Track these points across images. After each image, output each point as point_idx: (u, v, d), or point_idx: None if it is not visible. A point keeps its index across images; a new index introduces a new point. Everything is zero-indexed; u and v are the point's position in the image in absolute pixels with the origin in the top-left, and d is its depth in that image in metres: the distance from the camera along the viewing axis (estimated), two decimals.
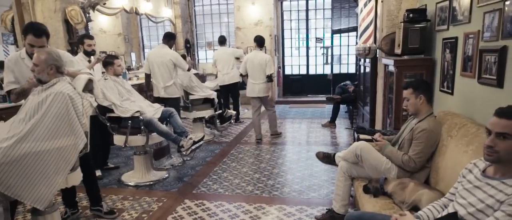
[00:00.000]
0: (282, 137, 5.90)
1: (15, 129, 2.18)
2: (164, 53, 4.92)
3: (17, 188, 2.12)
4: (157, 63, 4.90)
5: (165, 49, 4.98)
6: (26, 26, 2.83)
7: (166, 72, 4.91)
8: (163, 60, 4.88)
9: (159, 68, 4.89)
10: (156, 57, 4.93)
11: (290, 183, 3.83)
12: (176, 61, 4.94)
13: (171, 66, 4.90)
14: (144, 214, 3.18)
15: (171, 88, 4.96)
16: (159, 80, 4.92)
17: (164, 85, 4.91)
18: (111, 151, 4.58)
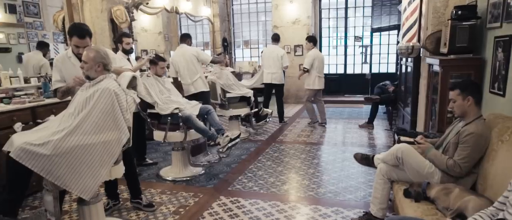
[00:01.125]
0: (318, 136, 5.83)
1: (65, 123, 2.31)
2: (185, 51, 5.00)
3: (66, 178, 2.24)
4: (181, 62, 4.98)
5: (184, 47, 5.04)
6: (70, 28, 2.99)
7: (191, 68, 4.97)
8: (185, 57, 4.96)
9: (184, 67, 4.97)
10: (178, 57, 5.01)
11: (326, 183, 3.77)
12: (198, 54, 5.00)
13: (194, 60, 4.96)
14: (181, 209, 3.26)
15: (198, 82, 5.02)
16: (187, 77, 5.00)
17: (192, 81, 4.99)
18: (150, 147, 4.73)
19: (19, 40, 7.94)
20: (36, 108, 3.63)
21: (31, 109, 3.59)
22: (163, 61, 4.03)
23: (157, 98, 3.76)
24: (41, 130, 2.41)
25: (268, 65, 6.50)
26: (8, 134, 3.23)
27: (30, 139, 2.21)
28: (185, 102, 4.01)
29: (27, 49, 8.12)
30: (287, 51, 8.94)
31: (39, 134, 2.29)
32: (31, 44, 8.22)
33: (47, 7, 8.70)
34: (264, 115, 5.98)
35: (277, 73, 6.52)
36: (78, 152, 2.23)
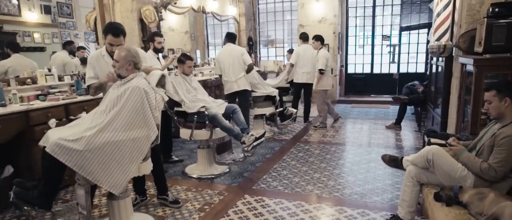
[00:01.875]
0: (344, 137, 5.76)
1: (97, 119, 2.39)
2: (232, 49, 5.12)
3: (97, 173, 2.32)
4: (227, 60, 5.09)
5: (232, 46, 5.18)
6: (106, 26, 3.10)
7: (237, 66, 5.07)
8: (232, 54, 5.07)
9: (230, 64, 5.07)
10: (225, 55, 5.14)
11: (352, 185, 3.72)
12: (243, 54, 5.10)
13: (240, 59, 5.07)
14: (206, 206, 3.30)
15: (242, 80, 5.10)
16: (231, 75, 5.09)
17: (236, 78, 5.08)
18: (175, 144, 4.82)
19: (53, 39, 8.28)
20: (69, 105, 3.77)
21: (65, 106, 3.73)
22: (190, 60, 4.09)
23: (184, 97, 3.82)
24: (74, 126, 2.50)
25: (303, 64, 6.43)
26: (44, 129, 3.39)
27: (64, 134, 2.30)
28: (211, 100, 4.05)
29: (60, 49, 8.45)
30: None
31: (73, 130, 2.38)
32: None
33: (79, 7, 9.01)
34: (288, 115, 5.95)
35: (311, 72, 6.46)
36: (109, 148, 2.30)
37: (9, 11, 7.41)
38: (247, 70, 5.15)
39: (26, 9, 7.75)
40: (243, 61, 5.07)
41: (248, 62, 5.09)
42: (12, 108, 3.34)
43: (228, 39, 5.23)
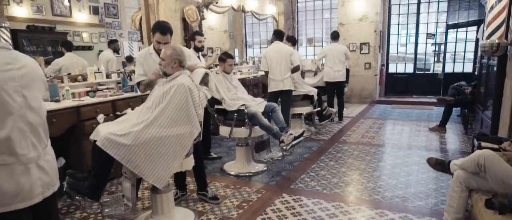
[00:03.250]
0: (384, 138, 5.60)
1: (143, 115, 2.49)
2: (281, 48, 5.15)
3: (143, 167, 2.42)
4: (275, 58, 5.12)
5: (281, 44, 5.21)
6: (154, 25, 3.21)
7: (284, 66, 5.09)
8: (281, 54, 5.10)
9: (278, 63, 5.10)
10: (273, 53, 5.16)
11: (393, 188, 3.61)
12: (292, 54, 5.11)
13: (288, 59, 5.09)
14: (244, 203, 3.33)
15: (288, 80, 5.13)
16: (278, 74, 5.12)
17: (282, 78, 5.10)
18: (214, 141, 4.90)
19: (100, 39, 8.71)
20: (116, 101, 3.95)
21: (112, 102, 3.91)
22: (231, 59, 4.14)
23: (224, 95, 3.88)
24: (122, 121, 2.62)
25: (333, 62, 6.46)
26: (93, 124, 3.59)
27: (113, 129, 2.42)
28: (250, 99, 4.09)
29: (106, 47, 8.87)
30: (353, 49, 8.69)
31: (121, 125, 2.49)
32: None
33: (124, 8, 9.41)
34: (328, 115, 5.87)
35: (342, 70, 6.53)
36: (154, 143, 2.39)
37: (61, 12, 7.88)
38: (293, 70, 5.15)
39: (77, 10, 8.21)
40: (291, 61, 5.08)
41: (296, 63, 5.10)
42: (65, 104, 3.55)
43: (276, 36, 5.26)
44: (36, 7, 7.25)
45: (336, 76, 6.53)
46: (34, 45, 6.21)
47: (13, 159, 1.47)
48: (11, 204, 1.48)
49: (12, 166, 1.47)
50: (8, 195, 1.46)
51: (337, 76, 6.53)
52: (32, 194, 1.54)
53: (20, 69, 1.51)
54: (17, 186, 1.48)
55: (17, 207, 1.50)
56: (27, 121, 1.52)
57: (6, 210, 1.47)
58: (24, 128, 1.51)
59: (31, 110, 1.54)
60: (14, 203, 1.49)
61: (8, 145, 1.46)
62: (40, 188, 1.57)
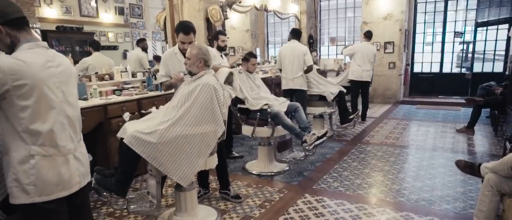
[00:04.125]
0: (408, 139, 5.48)
1: (169, 114, 2.53)
2: (295, 47, 5.14)
3: (168, 165, 2.46)
4: (288, 56, 5.13)
5: (296, 43, 5.19)
6: (177, 26, 3.27)
7: (296, 64, 5.08)
8: (294, 53, 5.09)
9: (290, 61, 5.11)
10: (287, 51, 5.18)
11: (419, 190, 3.52)
12: (306, 54, 5.08)
13: (301, 59, 5.06)
14: (267, 203, 3.33)
15: (299, 80, 5.10)
16: (289, 72, 5.14)
17: (293, 77, 5.10)
18: (235, 140, 4.93)
19: (125, 38, 8.92)
20: (141, 100, 4.04)
21: (137, 101, 4.00)
22: (255, 58, 4.15)
23: (247, 94, 3.89)
24: (148, 120, 2.68)
25: (362, 61, 6.38)
26: (119, 122, 3.67)
27: (140, 127, 2.47)
28: (273, 98, 4.08)
29: (130, 47, 9.07)
30: (377, 48, 8.54)
31: (147, 124, 2.54)
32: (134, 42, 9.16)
33: (148, 8, 9.60)
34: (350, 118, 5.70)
35: (369, 70, 6.44)
36: (179, 141, 2.43)
37: (89, 13, 8.12)
38: (306, 71, 5.12)
39: (103, 11, 8.44)
40: (304, 61, 5.04)
41: (309, 63, 5.05)
42: (93, 102, 3.65)
43: (293, 35, 5.25)
44: (65, 8, 7.50)
45: (363, 75, 6.42)
46: (62, 45, 6.42)
47: (55, 150, 1.59)
48: (53, 193, 1.60)
49: (53, 157, 1.59)
50: (51, 184, 1.58)
51: (364, 75, 6.42)
52: (71, 183, 1.66)
53: (58, 67, 1.63)
54: (59, 175, 1.60)
55: (58, 195, 1.62)
56: (66, 115, 1.65)
57: (49, 198, 1.59)
58: (63, 121, 1.63)
59: (69, 104, 1.67)
60: (56, 192, 1.61)
61: (50, 137, 1.57)
62: (77, 177, 1.70)
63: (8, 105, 1.48)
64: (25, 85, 1.47)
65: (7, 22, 1.54)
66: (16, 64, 1.47)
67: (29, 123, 1.51)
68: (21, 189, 1.54)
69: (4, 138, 1.54)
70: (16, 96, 1.47)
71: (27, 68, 1.49)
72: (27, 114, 1.50)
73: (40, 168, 1.55)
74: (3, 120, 1.51)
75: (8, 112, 1.49)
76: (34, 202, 1.56)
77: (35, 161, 1.54)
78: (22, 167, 1.53)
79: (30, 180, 1.54)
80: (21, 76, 1.47)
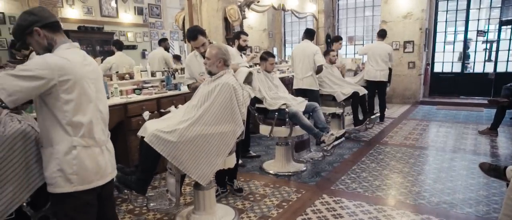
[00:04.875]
0: (429, 140, 5.38)
1: (188, 113, 2.56)
2: (307, 46, 5.13)
3: (187, 164, 2.48)
4: (299, 56, 5.14)
5: (308, 43, 5.19)
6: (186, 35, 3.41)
7: (306, 64, 5.07)
8: (305, 52, 5.09)
9: (300, 61, 5.11)
10: (299, 51, 5.21)
11: (440, 193, 3.45)
12: (316, 54, 5.05)
13: (311, 58, 5.04)
14: (284, 203, 3.33)
15: (308, 79, 5.09)
16: (298, 71, 5.15)
17: (302, 76, 5.10)
18: (252, 140, 4.93)
19: (143, 38, 9.05)
20: (161, 99, 4.09)
21: (157, 100, 4.05)
22: (273, 57, 4.15)
23: (265, 94, 3.89)
24: (168, 119, 2.71)
25: (375, 61, 6.32)
26: (139, 120, 3.73)
27: (160, 126, 2.50)
28: (291, 98, 4.07)
29: (149, 46, 9.20)
30: (396, 47, 8.40)
31: (167, 123, 2.57)
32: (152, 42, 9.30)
33: (166, 8, 9.71)
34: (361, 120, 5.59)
35: (384, 70, 6.36)
36: (199, 140, 2.45)
37: (109, 13, 8.27)
38: (316, 71, 5.10)
39: (123, 11, 8.58)
40: (314, 60, 5.02)
41: (319, 63, 5.02)
42: (114, 101, 3.72)
43: (306, 35, 5.26)
44: (86, 8, 7.66)
45: (377, 75, 6.35)
46: (83, 45, 6.56)
47: (93, 141, 1.72)
48: (93, 181, 1.73)
49: (92, 148, 1.72)
50: (91, 173, 1.71)
51: (379, 75, 6.35)
52: (106, 172, 1.80)
53: (90, 65, 1.75)
54: (97, 165, 1.73)
55: (97, 184, 1.75)
56: (98, 109, 1.77)
57: (89, 187, 1.72)
58: (97, 115, 1.76)
59: (100, 100, 1.78)
60: (95, 180, 1.74)
61: (89, 129, 1.70)
62: (110, 168, 1.84)
63: (53, 99, 1.59)
64: (69, 80, 1.60)
65: (45, 25, 1.66)
66: (61, 60, 1.60)
67: (72, 116, 1.63)
68: (64, 179, 1.64)
69: (48, 132, 1.65)
70: (61, 90, 1.58)
71: (70, 65, 1.61)
72: (70, 107, 1.62)
73: (81, 158, 1.67)
74: (48, 115, 1.62)
75: (53, 106, 1.60)
76: (76, 190, 1.67)
77: (77, 152, 1.66)
78: (66, 157, 1.64)
79: (73, 170, 1.65)
80: (66, 72, 1.59)
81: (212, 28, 5.37)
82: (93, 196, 1.76)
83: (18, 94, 1.49)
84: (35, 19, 1.66)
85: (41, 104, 1.62)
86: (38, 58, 1.61)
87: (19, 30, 1.66)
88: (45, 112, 1.63)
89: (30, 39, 1.68)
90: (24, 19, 1.66)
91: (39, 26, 1.65)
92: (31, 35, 1.66)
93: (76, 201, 1.70)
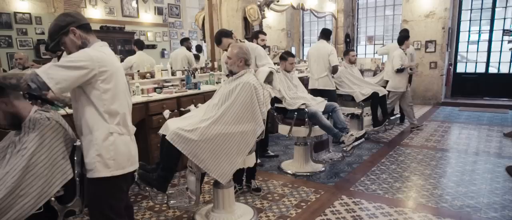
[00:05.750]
0: (451, 143, 5.26)
1: (209, 112, 2.58)
2: (322, 47, 5.10)
3: (208, 162, 2.51)
4: (314, 56, 5.12)
5: (323, 43, 5.14)
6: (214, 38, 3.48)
7: (321, 65, 5.04)
8: (320, 53, 5.06)
9: (315, 61, 5.09)
10: (314, 51, 5.18)
11: (463, 196, 3.37)
12: (331, 54, 5.03)
13: (326, 59, 5.02)
14: (303, 203, 3.32)
15: (324, 80, 5.06)
16: (313, 72, 5.13)
17: (318, 76, 5.07)
18: (270, 139, 4.93)
19: (163, 38, 9.18)
20: (180, 97, 4.14)
21: (177, 99, 4.10)
22: (292, 57, 4.13)
23: (285, 93, 3.88)
24: (189, 117, 2.74)
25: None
26: (159, 119, 3.79)
27: (181, 125, 2.53)
28: (310, 98, 4.05)
29: (168, 46, 9.32)
30: (417, 47, 8.23)
31: (189, 121, 2.60)
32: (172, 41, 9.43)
33: (186, 8, 9.82)
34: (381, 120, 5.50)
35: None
36: (219, 139, 2.47)
37: (130, 13, 8.43)
38: (332, 71, 5.08)
39: (143, 11, 8.73)
40: (328, 61, 4.99)
41: (333, 63, 4.99)
42: (135, 99, 3.78)
43: (322, 35, 5.22)
44: (108, 9, 7.83)
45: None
46: None
47: (125, 130, 1.90)
48: (126, 167, 1.89)
49: (125, 136, 1.90)
50: (125, 159, 1.88)
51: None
52: (135, 159, 1.97)
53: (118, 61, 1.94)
54: (129, 151, 1.91)
55: (129, 170, 1.92)
56: (127, 101, 1.95)
57: (124, 172, 1.89)
58: (127, 106, 1.94)
59: (128, 94, 1.95)
60: (128, 166, 1.91)
61: (123, 118, 1.89)
62: (137, 156, 2.00)
63: (93, 88, 1.76)
64: (107, 71, 1.77)
65: (80, 26, 1.82)
66: (100, 53, 1.78)
67: (110, 104, 1.80)
68: (103, 164, 1.80)
69: (87, 120, 1.80)
70: (100, 80, 1.75)
71: (107, 58, 1.80)
72: (108, 96, 1.79)
73: (117, 144, 1.84)
74: (88, 104, 1.78)
75: (93, 95, 1.76)
76: (113, 175, 1.83)
77: (114, 138, 1.83)
78: (104, 143, 1.80)
79: (110, 155, 1.81)
80: (104, 64, 1.76)
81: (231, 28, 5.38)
82: (126, 183, 1.95)
83: (64, 82, 1.64)
84: (72, 20, 1.80)
85: (81, 95, 1.78)
86: (80, 51, 1.77)
87: (56, 29, 1.79)
88: (85, 101, 1.78)
89: (65, 39, 1.81)
90: (62, 19, 1.80)
91: (75, 26, 1.79)
92: (66, 35, 1.79)
93: (112, 187, 1.86)
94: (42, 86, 1.61)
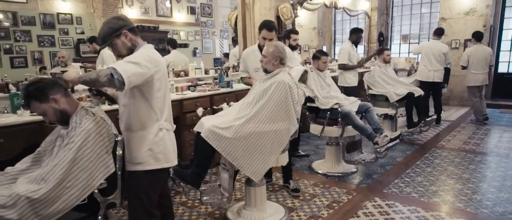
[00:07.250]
0: (491, 146, 5.04)
1: (243, 110, 2.61)
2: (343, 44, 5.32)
3: (241, 160, 2.53)
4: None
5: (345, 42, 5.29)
6: (261, 23, 3.43)
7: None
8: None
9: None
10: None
11: (505, 202, 3.22)
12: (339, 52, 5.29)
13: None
14: (335, 204, 3.28)
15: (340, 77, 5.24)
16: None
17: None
18: (301, 139, 4.90)
19: (195, 37, 9.35)
20: (213, 96, 4.20)
21: (210, 97, 4.17)
22: (326, 56, 4.09)
23: (317, 93, 3.85)
24: (223, 115, 2.78)
25: (429, 61, 6.02)
26: (193, 116, 3.86)
27: (216, 122, 2.57)
28: (343, 97, 4.00)
29: (200, 45, 9.48)
30: (455, 46, 7.92)
31: (223, 119, 2.64)
32: (203, 41, 9.59)
33: (218, 7, 9.95)
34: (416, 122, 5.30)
35: (439, 70, 6.04)
36: (253, 138, 2.49)
37: (164, 13, 8.65)
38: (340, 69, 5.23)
39: (176, 11, 8.94)
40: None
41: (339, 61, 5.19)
42: (171, 97, 3.87)
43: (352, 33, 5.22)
44: (144, 9, 8.07)
45: (430, 75, 6.02)
46: None
47: (170, 126, 2.07)
48: (172, 160, 2.07)
49: (170, 131, 2.07)
50: (171, 152, 2.05)
51: (431, 76, 6.02)
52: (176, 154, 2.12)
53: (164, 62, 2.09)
54: (173, 146, 2.09)
55: (174, 163, 2.08)
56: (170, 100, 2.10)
57: (170, 165, 2.06)
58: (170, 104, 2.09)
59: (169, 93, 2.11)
60: (173, 160, 2.08)
61: (169, 115, 2.06)
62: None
63: (149, 87, 1.90)
64: (160, 71, 1.93)
65: (130, 29, 1.95)
66: (155, 55, 1.94)
67: (162, 102, 1.97)
68: (154, 157, 1.96)
69: (140, 117, 1.94)
70: (155, 79, 1.90)
71: (159, 59, 1.97)
72: (161, 93, 1.96)
73: (165, 139, 2.00)
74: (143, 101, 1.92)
75: (148, 93, 1.91)
76: (162, 167, 2.00)
77: (163, 134, 1.98)
78: (155, 139, 1.95)
79: (160, 149, 1.97)
80: (158, 64, 1.92)
81: None
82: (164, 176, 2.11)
83: (133, 77, 1.76)
84: (124, 23, 1.93)
85: (136, 93, 1.91)
86: (139, 52, 1.91)
87: (110, 32, 1.90)
88: (139, 99, 1.92)
89: (117, 41, 1.92)
90: (115, 23, 1.92)
91: (127, 29, 1.92)
92: (119, 37, 1.91)
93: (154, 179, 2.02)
94: (120, 78, 1.72)
